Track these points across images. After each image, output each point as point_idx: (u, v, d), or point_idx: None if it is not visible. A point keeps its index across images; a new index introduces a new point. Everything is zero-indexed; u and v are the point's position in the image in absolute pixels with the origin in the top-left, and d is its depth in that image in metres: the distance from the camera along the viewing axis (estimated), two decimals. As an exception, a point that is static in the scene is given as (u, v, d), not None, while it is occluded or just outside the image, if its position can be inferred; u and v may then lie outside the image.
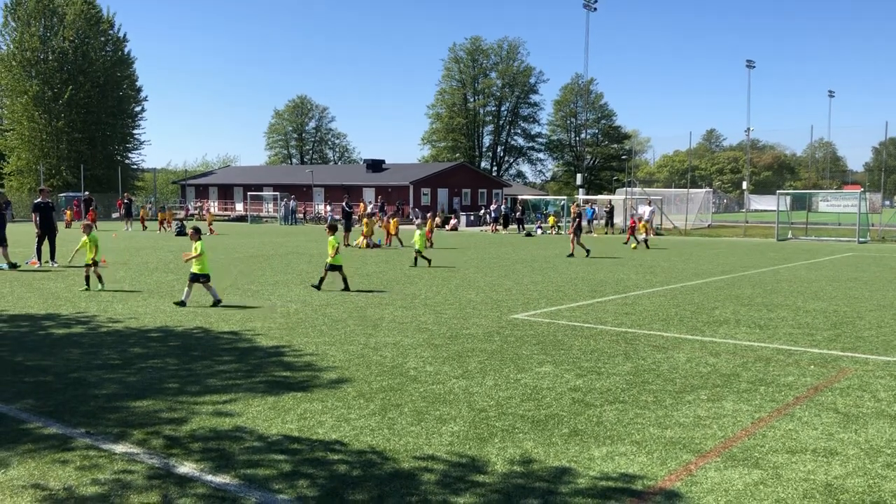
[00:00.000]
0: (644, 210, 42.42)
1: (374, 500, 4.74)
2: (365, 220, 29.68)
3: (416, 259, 20.69)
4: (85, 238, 14.88)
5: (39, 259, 19.52)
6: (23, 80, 65.05)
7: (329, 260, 15.11)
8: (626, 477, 5.18)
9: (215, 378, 7.79)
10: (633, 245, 29.71)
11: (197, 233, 13.23)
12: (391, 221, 30.56)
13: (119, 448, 5.65)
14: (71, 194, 56.32)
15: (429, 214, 33.78)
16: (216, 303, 12.70)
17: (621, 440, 5.94)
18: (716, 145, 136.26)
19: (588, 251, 25.08)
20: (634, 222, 32.71)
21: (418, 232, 21.10)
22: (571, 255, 24.87)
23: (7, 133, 68.63)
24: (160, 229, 41.45)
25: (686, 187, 54.25)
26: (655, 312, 12.48)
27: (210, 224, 40.60)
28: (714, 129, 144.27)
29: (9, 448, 5.62)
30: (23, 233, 16.99)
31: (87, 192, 54.16)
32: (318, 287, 14.95)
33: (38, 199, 20.31)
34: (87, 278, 14.86)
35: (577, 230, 25.68)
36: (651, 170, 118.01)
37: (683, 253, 27.19)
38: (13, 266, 18.65)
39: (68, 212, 45.93)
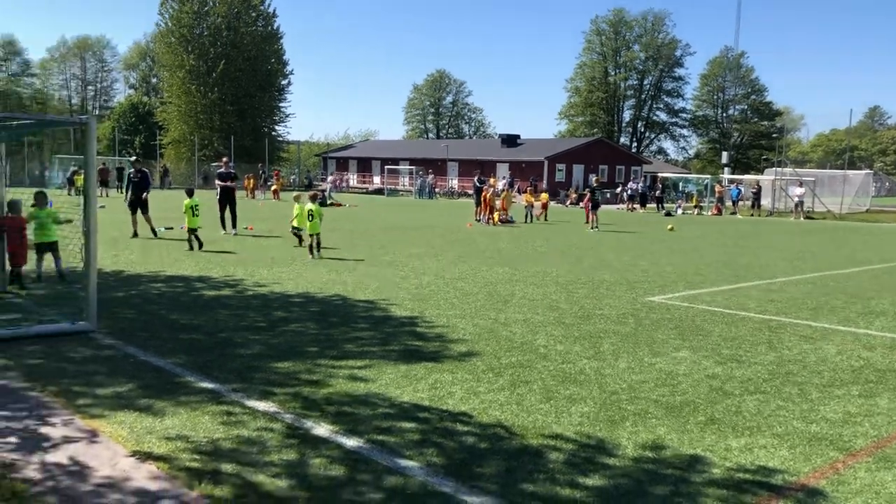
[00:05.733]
0: (795, 191, 40.15)
1: (501, 474, 4.76)
2: (504, 193, 29.93)
3: (300, 239, 17.64)
4: (298, 206, 17.15)
5: (224, 227, 20.13)
6: (180, 55, 69.23)
7: (188, 225, 16.58)
8: (765, 470, 4.94)
9: (351, 344, 8.06)
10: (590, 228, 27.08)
11: (313, 198, 16.39)
12: (523, 196, 30.65)
13: (261, 406, 5.96)
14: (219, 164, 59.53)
15: (498, 186, 31.49)
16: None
17: (761, 432, 5.67)
18: (879, 123, 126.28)
19: (597, 228, 25.82)
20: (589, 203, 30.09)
21: (297, 206, 17.88)
22: (595, 227, 25.97)
23: (167, 105, 73.45)
24: (249, 195, 42.71)
25: (843, 168, 50.78)
26: (803, 300, 11.79)
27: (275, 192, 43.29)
28: (878, 105, 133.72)
29: (165, 399, 6.05)
30: (166, 199, 18.11)
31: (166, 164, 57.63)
32: (198, 245, 16.25)
33: (222, 169, 20.88)
34: (302, 240, 16.81)
35: (594, 206, 26.78)
36: (804, 149, 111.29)
37: (837, 238, 25.53)
38: (154, 234, 18.93)
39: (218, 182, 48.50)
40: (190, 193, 17.21)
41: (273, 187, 44.77)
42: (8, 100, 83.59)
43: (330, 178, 52.21)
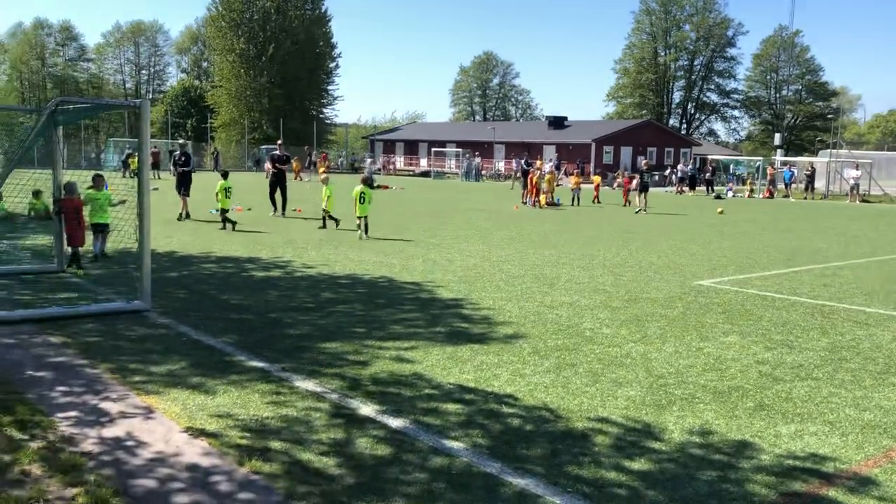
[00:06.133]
0: (851, 174, 39.09)
1: (546, 456, 4.78)
2: (548, 176, 29.76)
3: (324, 220, 17.73)
4: (326, 188, 17.86)
5: (274, 207, 20.40)
6: (230, 38, 70.03)
7: (220, 205, 17.32)
8: (816, 457, 4.87)
9: (398, 325, 8.13)
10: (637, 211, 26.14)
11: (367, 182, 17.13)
12: (570, 178, 30.54)
13: (310, 385, 6.06)
14: (270, 146, 60.25)
15: (545, 169, 31.33)
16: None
17: (812, 419, 5.57)
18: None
19: (645, 211, 25.69)
20: (629, 181, 29.93)
21: (325, 188, 17.96)
22: (642, 210, 25.89)
23: (217, 89, 74.46)
24: (297, 177, 43.31)
25: (902, 150, 49.11)
26: (858, 285, 11.51)
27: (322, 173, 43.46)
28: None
29: (217, 377, 6.20)
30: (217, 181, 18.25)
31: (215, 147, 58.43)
32: (231, 226, 16.91)
33: (277, 152, 21.15)
34: (324, 219, 17.66)
35: (643, 188, 26.57)
36: (860, 130, 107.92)
37: (894, 223, 24.79)
38: (182, 217, 18.72)
39: (267, 165, 49.06)
40: (224, 176, 17.91)
41: (321, 170, 45.37)
42: (65, 84, 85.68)
43: (368, 161, 52.21)
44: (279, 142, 23.62)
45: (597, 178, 33.17)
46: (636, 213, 25.71)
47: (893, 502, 4.28)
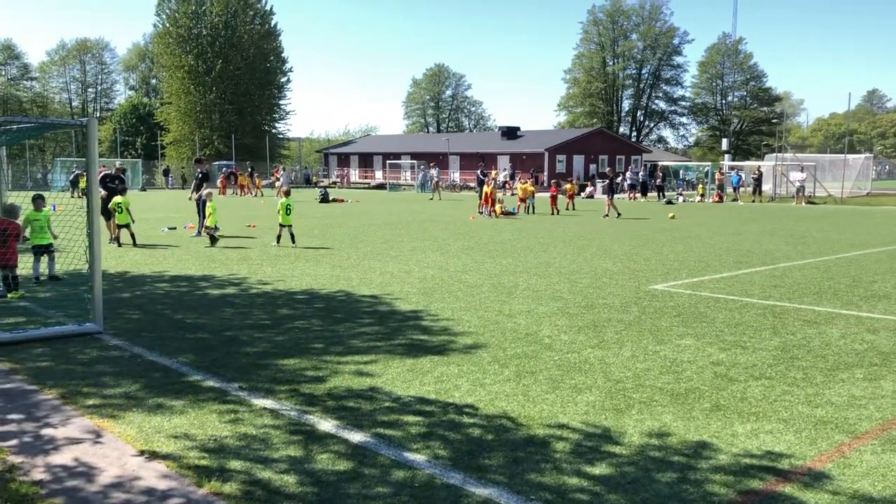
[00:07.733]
0: (796, 177, 40.09)
1: (507, 464, 4.79)
2: (524, 185, 30.40)
3: (210, 237, 17.60)
4: (209, 203, 18.10)
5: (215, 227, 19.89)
6: (179, 55, 69.20)
7: (116, 221, 17.40)
8: (772, 455, 4.96)
9: (357, 339, 8.08)
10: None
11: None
12: (524, 187, 30.94)
13: (268, 403, 5.98)
14: (223, 163, 59.53)
15: (499, 179, 32.78)
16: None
17: (767, 417, 5.69)
18: (878, 107, 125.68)
19: (619, 214, 27.31)
20: (556, 190, 31.30)
21: (209, 203, 18.03)
22: (606, 215, 27.15)
23: (166, 106, 73.50)
24: (240, 193, 44.04)
25: (843, 152, 50.65)
26: (807, 285, 11.80)
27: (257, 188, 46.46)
28: (877, 88, 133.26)
29: (173, 398, 6.08)
30: (168, 198, 17.90)
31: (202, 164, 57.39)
32: (116, 243, 17.11)
33: (200, 169, 20.60)
34: (211, 237, 17.64)
35: (611, 193, 28.21)
36: (804, 134, 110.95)
37: (838, 223, 25.49)
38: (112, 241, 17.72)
39: (222, 179, 48.46)
40: (122, 192, 18.21)
41: (277, 184, 45.68)
42: (8, 104, 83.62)
43: (282, 175, 51.59)
44: (198, 157, 23.37)
45: (570, 187, 34.16)
46: (604, 217, 26.89)
47: (846, 496, 4.38)
